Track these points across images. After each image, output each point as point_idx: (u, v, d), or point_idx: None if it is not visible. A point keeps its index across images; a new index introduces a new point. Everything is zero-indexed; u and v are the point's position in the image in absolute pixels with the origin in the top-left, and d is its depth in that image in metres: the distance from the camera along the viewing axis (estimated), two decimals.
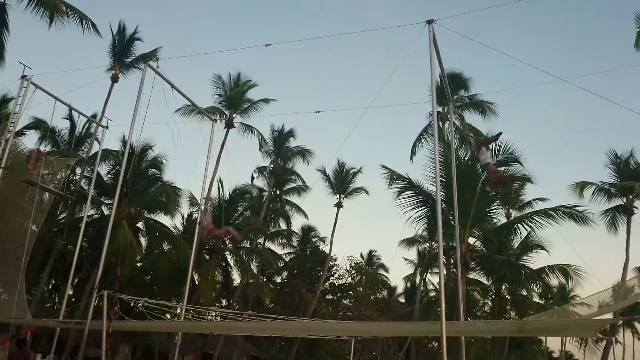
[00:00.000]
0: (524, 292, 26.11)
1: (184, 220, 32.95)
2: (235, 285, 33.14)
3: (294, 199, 36.72)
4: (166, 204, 28.00)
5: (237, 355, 33.22)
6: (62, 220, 27.56)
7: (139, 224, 29.07)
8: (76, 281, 28.07)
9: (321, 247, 38.54)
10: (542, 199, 29.60)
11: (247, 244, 31.92)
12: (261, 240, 33.63)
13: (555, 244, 25.53)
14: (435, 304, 25.54)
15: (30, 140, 27.36)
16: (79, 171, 26.90)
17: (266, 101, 31.42)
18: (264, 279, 34.16)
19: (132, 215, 27.17)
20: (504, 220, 25.38)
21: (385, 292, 42.13)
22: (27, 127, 26.40)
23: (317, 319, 19.02)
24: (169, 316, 19.70)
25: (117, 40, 27.83)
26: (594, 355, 31.55)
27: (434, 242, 33.33)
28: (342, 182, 36.13)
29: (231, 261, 31.20)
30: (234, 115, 30.87)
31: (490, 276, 23.84)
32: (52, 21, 19.51)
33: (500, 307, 25.14)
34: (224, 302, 34.52)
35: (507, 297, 26.10)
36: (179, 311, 17.13)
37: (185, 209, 32.17)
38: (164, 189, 28.10)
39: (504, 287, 25.66)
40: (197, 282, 28.00)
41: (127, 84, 27.99)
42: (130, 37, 28.10)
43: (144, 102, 14.27)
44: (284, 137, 34.86)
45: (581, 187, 27.63)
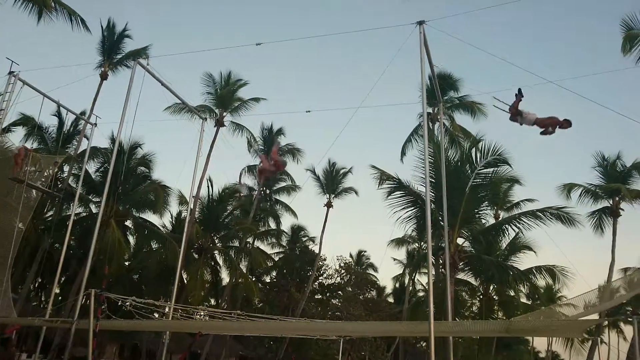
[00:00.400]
0: (512, 293, 26.36)
1: (172, 219, 32.84)
2: (224, 284, 33.03)
3: (284, 198, 36.70)
4: (155, 203, 27.87)
5: (225, 354, 33.10)
6: (50, 218, 27.33)
7: (128, 223, 28.89)
8: (63, 280, 27.85)
9: (310, 247, 38.53)
10: (530, 200, 29.89)
11: (236, 243, 31.84)
12: (250, 239, 33.54)
13: (542, 245, 25.85)
14: (423, 304, 25.70)
15: (17, 136, 27.11)
16: (67, 169, 26.67)
17: (257, 100, 31.36)
18: (253, 279, 34.08)
19: (121, 213, 26.99)
20: (492, 221, 25.56)
21: (374, 292, 42.12)
22: (14, 124, 26.08)
23: (306, 319, 19.05)
24: (157, 315, 19.60)
25: (106, 37, 27.58)
26: (580, 355, 31.91)
27: (423, 243, 33.46)
28: (332, 181, 36.12)
29: (220, 260, 31.14)
30: (225, 113, 30.77)
31: (478, 276, 24.05)
32: (41, 17, 19.33)
33: (488, 307, 25.36)
34: (213, 302, 34.40)
35: (494, 297, 26.34)
36: (167, 310, 17.03)
37: (174, 207, 32.04)
38: (153, 188, 27.96)
39: (491, 287, 25.89)
40: (185, 281, 27.89)
41: (117, 81, 27.81)
42: (120, 34, 27.87)
43: (133, 99, 14.14)
44: (274, 136, 34.77)
45: (568, 188, 27.92)
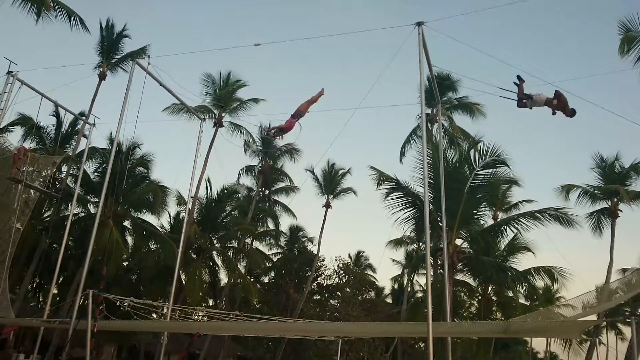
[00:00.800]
0: (510, 294, 26.32)
1: (171, 219, 32.81)
2: (222, 285, 33.01)
3: (283, 199, 36.70)
4: (153, 203, 27.84)
5: (223, 355, 33.04)
6: (48, 218, 27.27)
7: (126, 223, 28.84)
8: (61, 280, 27.81)
9: (309, 248, 38.54)
10: (528, 201, 29.88)
11: (234, 244, 31.82)
12: (249, 240, 33.53)
13: (541, 245, 25.78)
14: (422, 304, 25.63)
15: (15, 137, 27.07)
16: (65, 169, 26.62)
17: (255, 101, 31.36)
18: (252, 279, 34.04)
19: (119, 213, 26.96)
20: (491, 222, 25.57)
21: (372, 293, 42.13)
22: (13, 124, 26.04)
23: (304, 319, 19.01)
24: (155, 316, 19.60)
25: (105, 37, 27.53)
26: (578, 356, 31.89)
27: (421, 243, 33.46)
28: (331, 182, 36.15)
29: (218, 261, 31.14)
30: (223, 114, 30.77)
31: (476, 277, 24.00)
32: (40, 16, 19.31)
33: (486, 308, 25.30)
34: (211, 302, 34.36)
35: (493, 298, 26.29)
36: (165, 311, 17.01)
37: (172, 208, 32.03)
38: (151, 188, 27.92)
39: (490, 288, 25.84)
40: (184, 282, 27.85)
41: (115, 81, 27.75)
42: (118, 35, 27.80)
43: (132, 100, 14.12)
44: (272, 135, 34.72)
45: (567, 189, 27.93)
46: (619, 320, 31.60)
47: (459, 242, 19.18)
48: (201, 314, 17.74)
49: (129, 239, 29.89)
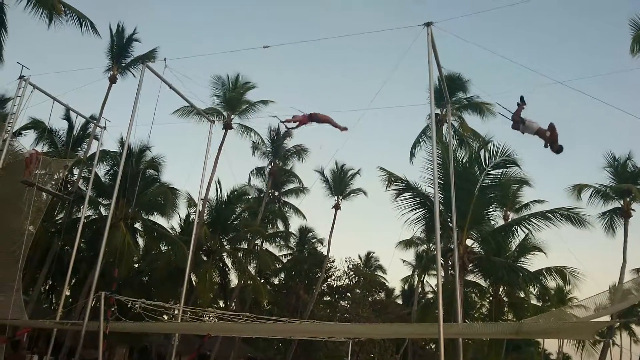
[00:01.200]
0: (522, 294, 26.14)
1: (181, 221, 32.96)
2: (232, 286, 33.11)
3: (292, 200, 36.76)
4: (164, 205, 27.99)
5: (234, 356, 33.10)
6: (60, 220, 27.51)
7: (137, 225, 29.03)
8: (73, 282, 28.02)
9: (319, 249, 38.56)
10: (539, 201, 29.70)
11: (244, 245, 31.91)
12: (259, 241, 33.60)
13: (552, 246, 25.64)
14: (433, 305, 25.53)
15: (28, 140, 27.33)
16: (76, 172, 26.86)
17: (264, 102, 31.43)
18: (262, 281, 34.11)
19: (130, 216, 27.12)
20: (501, 222, 25.41)
21: (382, 294, 42.05)
22: (25, 128, 26.37)
23: (314, 321, 19.01)
24: (166, 317, 19.71)
25: (115, 41, 27.78)
26: (591, 357, 31.53)
27: (431, 244, 33.36)
28: (341, 183, 36.14)
29: (229, 262, 31.21)
30: (233, 116, 30.89)
31: (487, 278, 23.85)
32: (51, 21, 19.48)
33: (497, 309, 25.14)
34: (222, 304, 34.49)
35: (504, 299, 26.11)
36: (176, 312, 17.12)
37: (182, 210, 32.17)
38: (161, 190, 28.07)
39: (501, 289, 25.68)
40: (194, 283, 27.97)
41: (125, 84, 27.98)
42: (128, 38, 28.04)
43: (142, 102, 14.23)
44: (281, 138, 34.87)
45: (579, 189, 27.70)
46: (633, 321, 31.29)
47: (469, 242, 19.08)
48: (212, 316, 17.84)
49: (140, 241, 30.08)
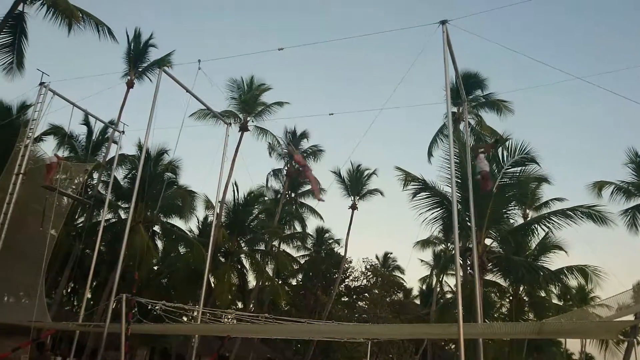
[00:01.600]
0: (542, 294, 25.80)
1: (199, 223, 33.22)
2: (250, 287, 33.27)
3: (309, 201, 36.82)
4: (182, 208, 28.23)
5: (253, 357, 33.29)
6: (81, 224, 27.92)
7: (156, 228, 29.35)
8: (94, 284, 28.42)
9: (336, 249, 38.56)
10: (559, 199, 29.18)
11: (262, 247, 32.05)
12: (276, 242, 33.72)
13: (573, 244, 25.21)
14: (452, 305, 25.37)
15: (48, 146, 27.83)
16: (96, 176, 27.24)
17: (280, 104, 31.55)
18: (279, 282, 34.22)
19: (149, 219, 27.43)
20: (520, 221, 25.11)
21: (400, 294, 41.88)
22: (45, 133, 26.79)
23: (333, 322, 18.99)
24: (185, 319, 19.85)
25: (132, 46, 28.15)
26: (615, 357, 30.93)
27: (449, 244, 33.09)
28: (357, 183, 36.09)
29: (246, 264, 31.38)
30: (248, 118, 31.05)
31: (507, 277, 23.59)
32: (71, 28, 19.85)
33: (518, 308, 24.89)
34: (240, 305, 34.68)
35: (524, 298, 25.83)
36: (195, 314, 17.24)
37: (200, 212, 32.43)
38: (179, 193, 28.33)
39: (521, 288, 25.39)
40: (213, 285, 28.15)
41: (143, 89, 28.34)
42: (145, 43, 28.39)
43: (159, 106, 14.38)
44: (297, 139, 34.98)
45: (599, 186, 27.17)
46: None
47: (488, 241, 18.87)
48: (231, 317, 17.91)
49: (159, 244, 30.41)
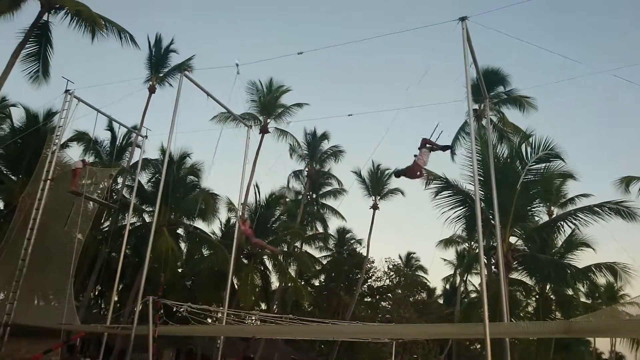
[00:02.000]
0: (570, 292, 25.31)
1: (222, 225, 33.52)
2: (274, 289, 33.42)
3: (330, 201, 36.84)
4: (205, 210, 28.52)
5: (277, 358, 33.43)
6: (106, 228, 28.43)
7: (179, 230, 29.70)
8: (120, 287, 28.89)
9: (358, 250, 38.49)
10: (585, 195, 28.60)
11: (284, 248, 32.18)
12: (298, 243, 33.81)
13: (601, 241, 24.66)
14: (476, 305, 25.08)
15: (74, 152, 28.41)
16: (120, 180, 27.70)
17: (299, 106, 31.69)
18: (302, 282, 34.31)
19: (173, 222, 27.78)
20: (546, 218, 24.72)
21: (424, 294, 41.60)
22: (71, 140, 27.34)
23: (356, 322, 18.96)
24: (210, 320, 20.05)
25: (153, 52, 28.57)
26: None
27: (473, 242, 32.76)
28: (378, 183, 35.99)
29: (269, 265, 31.54)
30: (269, 120, 31.21)
31: (533, 276, 23.23)
32: (94, 36, 20.33)
33: (544, 307, 24.44)
34: (263, 306, 34.88)
35: (551, 297, 25.37)
36: (219, 315, 17.39)
37: (223, 214, 32.72)
38: (202, 196, 28.64)
39: (548, 286, 24.95)
40: (236, 287, 28.37)
41: (164, 93, 28.74)
42: (166, 49, 28.80)
43: (181, 110, 14.55)
44: (317, 140, 35.06)
45: (627, 181, 26.54)
46: None
47: (513, 240, 18.60)
48: (254, 318, 18.02)
49: (183, 246, 30.77)
